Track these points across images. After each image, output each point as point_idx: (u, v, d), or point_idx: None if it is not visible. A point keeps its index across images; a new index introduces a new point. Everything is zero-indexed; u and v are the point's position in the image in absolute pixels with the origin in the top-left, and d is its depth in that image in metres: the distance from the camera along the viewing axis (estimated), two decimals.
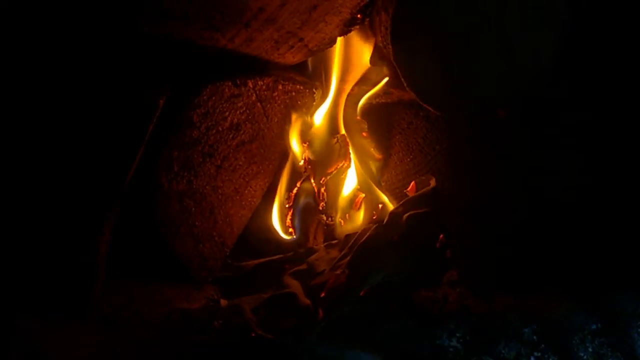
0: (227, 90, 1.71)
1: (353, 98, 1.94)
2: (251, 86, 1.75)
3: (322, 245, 1.82)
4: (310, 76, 1.92)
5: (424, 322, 1.53)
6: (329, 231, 1.98)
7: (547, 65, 1.53)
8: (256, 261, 1.80)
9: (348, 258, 1.55)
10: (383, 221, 1.65)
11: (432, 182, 1.68)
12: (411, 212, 1.59)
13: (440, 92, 1.54)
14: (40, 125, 1.50)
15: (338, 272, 1.51)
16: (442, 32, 1.50)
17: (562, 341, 1.49)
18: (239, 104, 1.74)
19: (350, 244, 1.61)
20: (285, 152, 1.89)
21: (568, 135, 1.65)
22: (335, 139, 1.98)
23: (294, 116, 1.86)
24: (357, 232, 1.72)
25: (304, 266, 1.64)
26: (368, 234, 1.60)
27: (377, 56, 1.78)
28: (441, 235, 1.59)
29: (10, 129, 1.49)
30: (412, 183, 1.72)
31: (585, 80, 1.63)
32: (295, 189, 1.95)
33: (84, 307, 1.54)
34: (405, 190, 1.77)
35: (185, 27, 1.53)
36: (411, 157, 1.80)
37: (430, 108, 1.58)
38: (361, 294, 1.46)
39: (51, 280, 1.51)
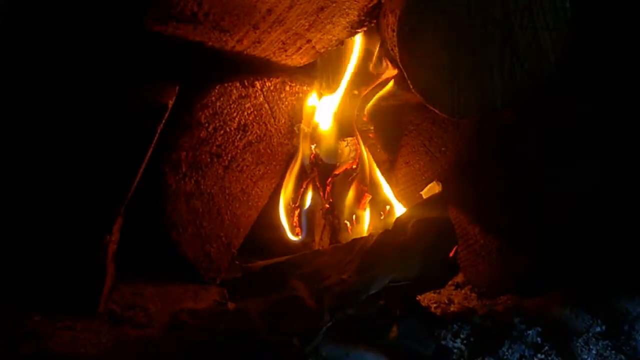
0: (235, 91, 1.72)
1: (361, 99, 1.94)
2: (259, 87, 1.76)
3: (329, 248, 1.83)
4: (317, 77, 1.93)
5: (428, 323, 1.54)
6: (335, 232, 1.99)
7: (553, 66, 1.53)
8: (263, 262, 1.80)
9: (355, 262, 1.55)
10: (390, 226, 1.65)
11: (439, 187, 1.68)
12: (418, 218, 1.59)
13: (447, 94, 1.54)
14: (48, 127, 1.51)
15: (345, 276, 1.51)
16: (449, 34, 1.50)
17: (566, 343, 1.49)
18: (247, 105, 1.75)
19: (358, 248, 1.62)
20: (292, 152, 1.89)
21: (573, 136, 1.65)
22: (346, 142, 1.98)
23: (301, 117, 1.86)
24: (364, 237, 1.73)
25: (310, 269, 1.65)
26: (375, 238, 1.60)
27: (384, 58, 1.78)
28: (450, 242, 1.60)
29: (21, 131, 1.50)
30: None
31: (591, 79, 1.63)
32: (302, 189, 1.96)
33: (93, 306, 1.55)
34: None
35: (194, 28, 1.54)
36: (417, 159, 1.81)
37: (436, 110, 1.58)
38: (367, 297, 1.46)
39: (60, 279, 1.52)
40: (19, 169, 1.51)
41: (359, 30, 1.73)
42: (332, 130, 1.96)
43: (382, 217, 1.97)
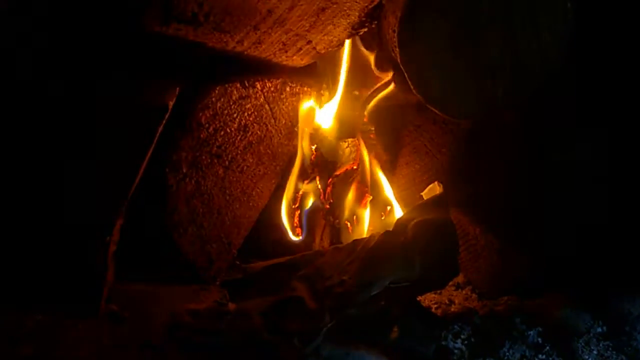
0: (235, 92, 1.72)
1: (362, 100, 1.94)
2: (259, 88, 1.76)
3: (330, 248, 1.83)
4: (318, 78, 1.93)
5: (429, 323, 1.54)
6: (336, 233, 1.99)
7: (554, 67, 1.53)
8: (263, 263, 1.80)
9: (356, 263, 1.56)
10: (391, 227, 1.65)
11: (440, 188, 1.68)
12: (419, 219, 1.59)
13: (447, 95, 1.54)
14: (49, 128, 1.51)
15: (345, 276, 1.52)
16: (449, 34, 1.50)
17: (567, 344, 1.49)
18: (247, 106, 1.75)
19: (359, 249, 1.62)
20: (292, 153, 1.89)
21: (573, 136, 1.65)
22: (346, 143, 1.98)
23: (302, 118, 1.86)
24: (365, 237, 1.73)
25: (311, 270, 1.65)
26: (376, 240, 1.60)
27: (385, 59, 1.78)
28: (450, 242, 1.59)
29: (22, 132, 1.51)
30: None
31: (593, 79, 1.63)
32: (302, 190, 1.96)
33: (93, 306, 1.55)
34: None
35: (195, 29, 1.54)
36: (418, 159, 1.81)
37: (436, 111, 1.58)
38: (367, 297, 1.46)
39: (61, 279, 1.52)
40: (20, 170, 1.51)
41: (360, 31, 1.73)
42: (333, 131, 1.96)
43: (382, 218, 1.98)
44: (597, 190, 1.65)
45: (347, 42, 1.85)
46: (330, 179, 1.97)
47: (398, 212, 1.91)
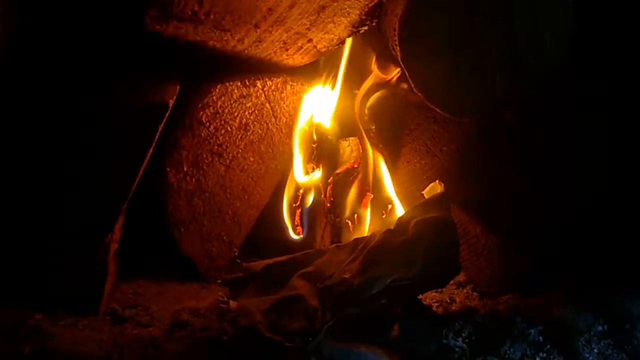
0: (236, 90, 1.72)
1: (362, 98, 1.94)
2: (260, 87, 1.76)
3: (331, 247, 1.82)
4: (319, 77, 1.93)
5: (430, 322, 1.54)
6: (337, 231, 1.98)
7: (555, 65, 1.54)
8: (264, 262, 1.80)
9: (357, 262, 1.55)
10: (392, 226, 1.65)
11: (441, 187, 1.68)
12: (420, 217, 1.59)
13: (447, 93, 1.54)
14: (50, 127, 1.52)
15: (347, 275, 1.51)
16: (450, 33, 1.50)
17: (567, 342, 1.49)
18: (248, 105, 1.75)
19: (360, 247, 1.62)
20: (293, 151, 1.89)
21: (574, 136, 1.65)
22: (347, 142, 1.98)
23: (303, 116, 1.87)
24: (366, 236, 1.73)
25: (312, 268, 1.65)
26: (377, 238, 1.60)
27: (385, 58, 1.78)
28: (451, 241, 1.59)
29: (23, 131, 1.51)
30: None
31: (593, 79, 1.63)
32: (303, 188, 1.95)
33: (94, 305, 1.55)
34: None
35: (195, 28, 1.54)
36: (419, 158, 1.80)
37: (437, 109, 1.58)
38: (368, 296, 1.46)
39: (62, 278, 1.52)
40: (22, 169, 1.51)
41: (361, 30, 1.73)
42: (334, 130, 1.96)
43: (383, 217, 1.97)
44: (597, 190, 1.65)
45: (348, 40, 1.85)
46: (331, 178, 1.97)
47: (399, 211, 1.91)
